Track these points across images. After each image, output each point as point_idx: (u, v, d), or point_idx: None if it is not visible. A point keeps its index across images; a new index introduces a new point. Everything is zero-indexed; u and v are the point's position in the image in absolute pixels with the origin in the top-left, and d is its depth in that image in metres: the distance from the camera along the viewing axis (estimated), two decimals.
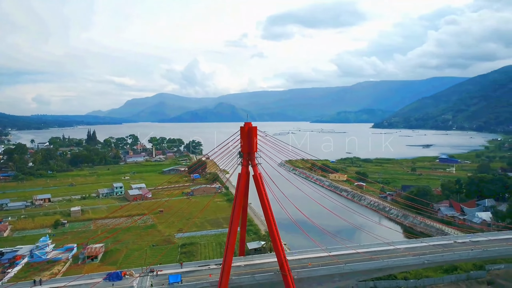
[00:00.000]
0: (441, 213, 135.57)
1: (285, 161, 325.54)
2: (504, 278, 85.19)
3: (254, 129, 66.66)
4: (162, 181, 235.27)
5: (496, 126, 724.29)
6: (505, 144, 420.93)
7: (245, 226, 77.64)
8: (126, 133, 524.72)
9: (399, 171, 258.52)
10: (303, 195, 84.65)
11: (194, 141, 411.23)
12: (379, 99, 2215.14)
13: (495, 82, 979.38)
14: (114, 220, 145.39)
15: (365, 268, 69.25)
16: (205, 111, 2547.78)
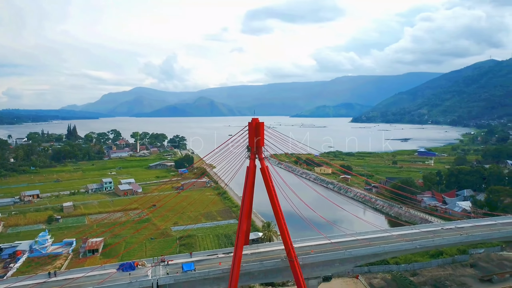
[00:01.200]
0: (424, 203, 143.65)
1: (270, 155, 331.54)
2: (485, 261, 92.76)
3: (262, 124, 70.25)
4: (149, 176, 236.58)
5: (469, 120, 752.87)
6: (478, 137, 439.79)
7: (250, 217, 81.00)
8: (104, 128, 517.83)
9: (380, 164, 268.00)
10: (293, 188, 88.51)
11: (178, 136, 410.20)
12: (357, 94, 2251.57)
13: (468, 77, 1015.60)
14: (108, 215, 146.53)
15: (363, 253, 74.51)
16: (185, 105, 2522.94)
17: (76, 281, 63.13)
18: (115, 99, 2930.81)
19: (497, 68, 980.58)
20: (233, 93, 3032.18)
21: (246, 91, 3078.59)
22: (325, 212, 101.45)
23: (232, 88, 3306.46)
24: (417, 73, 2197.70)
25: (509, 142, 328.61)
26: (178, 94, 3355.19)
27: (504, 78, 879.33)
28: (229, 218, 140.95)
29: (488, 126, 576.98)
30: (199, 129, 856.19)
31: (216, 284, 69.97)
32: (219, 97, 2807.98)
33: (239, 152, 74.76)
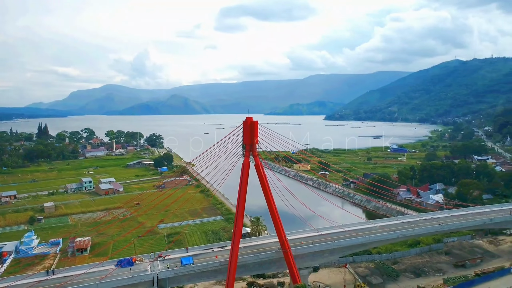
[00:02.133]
0: (400, 197, 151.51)
1: None
2: (458, 248, 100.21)
3: (256, 123, 73.56)
4: (128, 175, 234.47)
5: (436, 118, 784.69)
6: (445, 134, 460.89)
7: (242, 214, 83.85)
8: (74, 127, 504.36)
9: (356, 161, 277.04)
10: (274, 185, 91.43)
11: (155, 134, 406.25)
12: (330, 92, 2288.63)
13: (435, 77, 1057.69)
14: (91, 214, 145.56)
15: (351, 243, 79.50)
16: (157, 103, 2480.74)
17: (78, 278, 64.30)
18: (85, 97, 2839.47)
19: (462, 68, 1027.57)
20: (207, 90, 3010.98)
21: (220, 88, 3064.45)
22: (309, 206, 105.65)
23: (206, 86, 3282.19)
24: (387, 72, 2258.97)
25: (474, 139, 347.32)
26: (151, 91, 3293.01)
27: (468, 77, 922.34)
28: (215, 215, 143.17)
29: (454, 123, 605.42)
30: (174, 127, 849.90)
31: (213, 277, 73.15)
32: (192, 94, 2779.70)
33: (223, 152, 77.44)
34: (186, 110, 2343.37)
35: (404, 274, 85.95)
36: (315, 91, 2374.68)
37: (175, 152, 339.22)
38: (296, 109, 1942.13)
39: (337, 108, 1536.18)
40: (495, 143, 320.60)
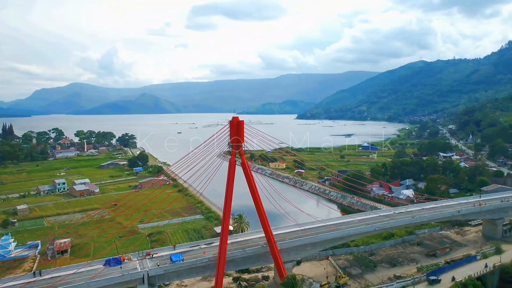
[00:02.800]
0: (373, 192, 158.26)
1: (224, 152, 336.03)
2: (429, 239, 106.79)
3: (242, 122, 76.06)
4: (103, 175, 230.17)
5: (403, 116, 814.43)
6: (412, 132, 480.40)
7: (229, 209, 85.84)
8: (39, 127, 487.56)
9: (330, 159, 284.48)
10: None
11: (128, 134, 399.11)
12: (301, 91, 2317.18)
13: (402, 77, 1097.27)
14: (67, 216, 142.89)
15: (332, 237, 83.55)
16: (127, 102, 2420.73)
17: (67, 278, 64.39)
18: (49, 95, 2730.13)
19: (427, 68, 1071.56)
20: (178, 89, 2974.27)
21: (192, 87, 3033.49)
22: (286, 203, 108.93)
23: (177, 85, 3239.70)
24: (356, 72, 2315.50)
25: (440, 137, 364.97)
26: (119, 90, 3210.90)
27: (432, 78, 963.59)
28: (195, 214, 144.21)
29: (420, 122, 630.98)
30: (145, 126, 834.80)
31: (202, 272, 75.02)
32: (163, 93, 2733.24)
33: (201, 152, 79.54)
34: (157, 109, 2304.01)
35: (381, 264, 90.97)
36: (286, 91, 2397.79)
37: (149, 152, 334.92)
38: (268, 109, 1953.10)
39: (308, 107, 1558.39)
40: (458, 141, 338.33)
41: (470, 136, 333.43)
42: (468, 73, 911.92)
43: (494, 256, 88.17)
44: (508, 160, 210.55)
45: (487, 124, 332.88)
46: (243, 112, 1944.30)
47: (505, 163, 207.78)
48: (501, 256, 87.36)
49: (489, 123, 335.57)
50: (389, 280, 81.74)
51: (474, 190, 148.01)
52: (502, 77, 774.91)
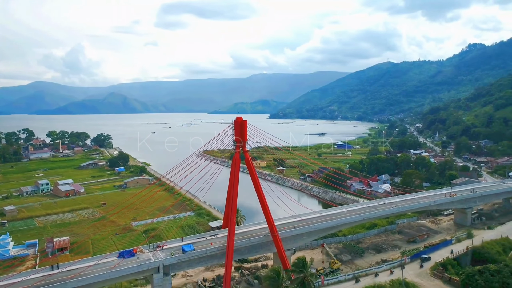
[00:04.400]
0: (353, 187, 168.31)
1: (203, 151, 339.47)
2: (408, 228, 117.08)
3: (245, 122, 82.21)
4: (84, 176, 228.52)
5: (372, 116, 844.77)
6: (382, 131, 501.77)
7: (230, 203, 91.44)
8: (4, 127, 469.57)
9: (307, 157, 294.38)
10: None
11: (103, 134, 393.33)
12: (272, 91, 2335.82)
13: (370, 77, 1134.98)
14: (58, 216, 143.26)
15: (326, 226, 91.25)
16: (94, 101, 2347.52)
17: (88, 269, 68.16)
18: (10, 95, 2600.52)
19: (394, 69, 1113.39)
20: (148, 89, 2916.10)
21: (161, 86, 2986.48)
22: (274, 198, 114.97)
23: (146, 84, 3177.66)
24: (326, 72, 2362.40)
25: (408, 135, 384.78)
26: (86, 89, 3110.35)
27: (399, 78, 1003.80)
28: (185, 211, 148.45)
29: (389, 121, 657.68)
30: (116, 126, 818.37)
31: (210, 261, 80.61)
32: (132, 93, 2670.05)
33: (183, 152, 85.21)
34: (126, 109, 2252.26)
35: (367, 251, 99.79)
36: (258, 90, 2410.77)
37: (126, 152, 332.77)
38: (240, 108, 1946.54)
39: (280, 106, 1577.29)
40: (426, 139, 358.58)
41: (437, 134, 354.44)
42: (432, 74, 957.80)
43: (466, 240, 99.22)
44: (472, 156, 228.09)
45: (451, 123, 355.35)
46: (214, 111, 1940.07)
47: (469, 159, 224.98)
48: (472, 239, 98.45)
49: (453, 122, 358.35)
50: (377, 264, 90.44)
51: (445, 183, 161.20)
52: (463, 78, 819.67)
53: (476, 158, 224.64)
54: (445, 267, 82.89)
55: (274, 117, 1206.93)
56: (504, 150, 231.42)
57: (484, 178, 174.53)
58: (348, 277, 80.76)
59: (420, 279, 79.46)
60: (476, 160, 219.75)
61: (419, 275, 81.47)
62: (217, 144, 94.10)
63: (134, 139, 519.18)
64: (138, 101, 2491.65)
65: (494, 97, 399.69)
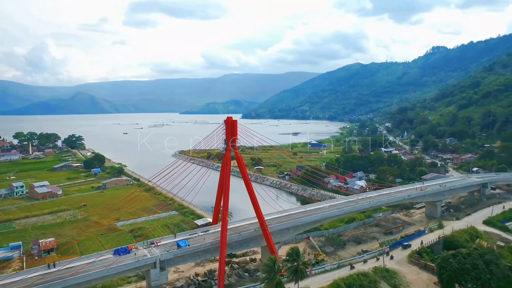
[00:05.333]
0: (331, 184, 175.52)
1: (179, 151, 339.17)
2: (384, 221, 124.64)
3: (235, 121, 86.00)
4: (59, 178, 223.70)
5: (343, 115, 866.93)
6: (353, 130, 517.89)
7: (220, 199, 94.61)
8: None
9: (283, 156, 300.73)
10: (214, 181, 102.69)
11: (74, 135, 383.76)
12: (244, 91, 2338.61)
13: (340, 78, 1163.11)
14: (37, 218, 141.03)
15: (311, 220, 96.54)
16: (60, 101, 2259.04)
17: (86, 267, 69.66)
18: None
19: (363, 70, 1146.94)
20: (117, 88, 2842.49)
21: (131, 86, 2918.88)
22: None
23: (115, 83, 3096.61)
24: (297, 73, 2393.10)
25: (378, 134, 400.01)
26: (51, 88, 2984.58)
27: (368, 79, 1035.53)
28: (169, 210, 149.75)
29: (359, 121, 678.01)
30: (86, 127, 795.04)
31: (203, 256, 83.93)
32: (100, 92, 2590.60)
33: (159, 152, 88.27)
34: (94, 109, 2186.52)
35: (348, 243, 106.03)
36: (230, 90, 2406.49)
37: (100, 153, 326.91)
38: (212, 108, 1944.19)
39: (252, 107, 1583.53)
40: (395, 137, 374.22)
41: (405, 133, 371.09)
42: (399, 75, 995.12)
43: (438, 230, 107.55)
44: (439, 153, 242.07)
45: (419, 122, 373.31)
46: (186, 112, 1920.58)
47: (436, 156, 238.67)
48: (443, 229, 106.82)
49: (420, 121, 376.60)
50: (358, 254, 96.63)
51: (415, 179, 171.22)
52: (427, 79, 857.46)
53: (443, 155, 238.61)
54: (420, 255, 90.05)
55: (247, 117, 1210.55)
56: (467, 147, 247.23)
57: (450, 173, 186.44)
58: (333, 266, 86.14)
59: (399, 266, 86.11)
60: (443, 157, 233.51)
61: (397, 262, 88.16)
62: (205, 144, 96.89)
63: (106, 140, 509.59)
64: (106, 101, 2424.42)
65: (457, 97, 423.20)
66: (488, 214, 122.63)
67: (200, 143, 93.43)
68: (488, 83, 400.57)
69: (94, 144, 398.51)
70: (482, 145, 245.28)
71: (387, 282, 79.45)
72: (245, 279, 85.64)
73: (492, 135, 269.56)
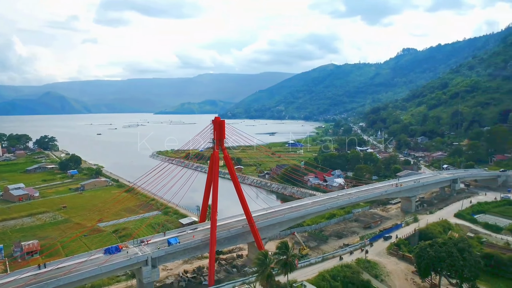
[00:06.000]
0: (310, 182, 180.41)
1: (157, 152, 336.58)
2: (363, 216, 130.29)
3: (223, 121, 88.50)
4: (33, 180, 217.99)
5: (318, 115, 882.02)
6: (329, 130, 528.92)
7: (208, 198, 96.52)
8: None
9: (262, 156, 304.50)
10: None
11: (47, 136, 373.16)
12: (220, 91, 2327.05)
13: (315, 79, 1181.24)
14: (16, 221, 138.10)
15: (295, 216, 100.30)
16: (27, 101, 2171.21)
17: (79, 266, 70.19)
18: None
19: (337, 71, 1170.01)
20: (88, 88, 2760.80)
21: (103, 86, 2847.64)
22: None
23: (87, 83, 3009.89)
24: (272, 73, 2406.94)
25: (353, 133, 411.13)
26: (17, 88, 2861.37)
27: (342, 80, 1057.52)
28: (151, 210, 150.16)
29: (334, 121, 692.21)
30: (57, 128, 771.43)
31: (193, 253, 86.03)
32: (70, 92, 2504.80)
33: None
34: (64, 109, 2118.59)
35: (330, 237, 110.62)
36: (205, 90, 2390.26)
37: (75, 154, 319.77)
38: (188, 108, 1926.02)
39: (228, 107, 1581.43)
40: (369, 136, 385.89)
41: (379, 132, 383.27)
42: (372, 76, 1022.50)
43: (413, 223, 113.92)
44: (411, 151, 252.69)
45: (391, 122, 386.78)
46: (160, 112, 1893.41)
47: (409, 154, 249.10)
48: (418, 223, 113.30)
49: (393, 121, 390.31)
50: (340, 248, 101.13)
51: (390, 176, 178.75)
52: (398, 80, 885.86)
53: (415, 153, 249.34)
54: (398, 247, 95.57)
55: (223, 117, 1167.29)
56: (437, 145, 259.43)
57: (423, 170, 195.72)
58: (318, 260, 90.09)
59: (379, 258, 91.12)
60: (415, 155, 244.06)
61: (377, 254, 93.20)
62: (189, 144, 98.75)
63: (80, 140, 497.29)
64: (77, 101, 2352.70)
65: (427, 98, 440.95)
66: (459, 207, 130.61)
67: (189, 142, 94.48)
68: (456, 84, 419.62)
69: (68, 145, 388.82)
70: (451, 144, 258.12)
71: (368, 272, 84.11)
72: (234, 274, 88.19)
73: (460, 134, 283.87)
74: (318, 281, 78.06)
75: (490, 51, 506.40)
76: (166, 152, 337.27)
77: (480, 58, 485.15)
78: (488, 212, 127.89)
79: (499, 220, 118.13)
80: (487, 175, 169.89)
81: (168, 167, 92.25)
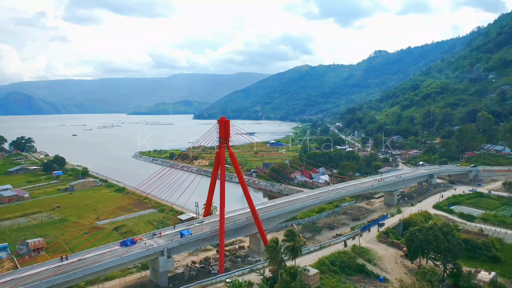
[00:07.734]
0: (297, 179, 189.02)
1: (139, 152, 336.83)
2: (350, 209, 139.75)
3: (228, 121, 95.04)
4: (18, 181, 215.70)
5: (294, 116, 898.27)
6: (306, 130, 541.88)
7: (212, 193, 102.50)
8: None
9: (245, 155, 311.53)
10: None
11: (24, 138, 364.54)
12: (194, 91, 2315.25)
13: (290, 79, 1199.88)
14: (11, 221, 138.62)
15: (293, 209, 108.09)
16: None
17: (102, 257, 74.85)
18: None
19: (312, 72, 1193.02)
20: (57, 87, 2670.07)
21: (73, 85, 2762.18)
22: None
23: (55, 82, 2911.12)
24: (247, 73, 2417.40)
25: (331, 133, 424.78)
26: None
27: (317, 81, 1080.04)
28: (146, 208, 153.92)
29: (310, 121, 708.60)
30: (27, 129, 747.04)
31: (202, 244, 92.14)
32: (37, 92, 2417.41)
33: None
34: (31, 110, 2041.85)
35: (323, 229, 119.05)
36: (179, 90, 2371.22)
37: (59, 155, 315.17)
38: (162, 109, 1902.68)
39: (203, 107, 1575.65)
40: (347, 136, 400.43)
41: (356, 132, 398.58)
42: (345, 77, 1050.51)
43: (397, 215, 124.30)
44: (388, 149, 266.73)
45: (367, 122, 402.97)
46: (134, 112, 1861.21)
47: (386, 152, 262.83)
48: (402, 214, 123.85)
49: (369, 120, 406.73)
50: (333, 237, 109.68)
51: (371, 173, 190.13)
52: (371, 81, 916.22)
53: (392, 151, 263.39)
54: (387, 234, 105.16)
55: (199, 117, 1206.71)
56: (412, 144, 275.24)
57: (400, 167, 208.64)
58: (316, 248, 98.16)
59: (370, 245, 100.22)
60: (392, 153, 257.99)
61: (368, 241, 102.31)
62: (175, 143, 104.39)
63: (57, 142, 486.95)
64: (45, 102, 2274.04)
65: (400, 98, 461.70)
66: (436, 200, 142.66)
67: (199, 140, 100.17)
68: (427, 85, 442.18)
69: (45, 146, 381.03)
70: (425, 142, 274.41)
71: (362, 257, 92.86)
72: (239, 263, 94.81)
73: (432, 133, 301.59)
74: (319, 266, 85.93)
75: (457, 54, 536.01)
76: (149, 152, 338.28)
77: (448, 62, 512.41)
78: (462, 203, 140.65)
79: (472, 211, 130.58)
80: (460, 171, 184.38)
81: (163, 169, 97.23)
